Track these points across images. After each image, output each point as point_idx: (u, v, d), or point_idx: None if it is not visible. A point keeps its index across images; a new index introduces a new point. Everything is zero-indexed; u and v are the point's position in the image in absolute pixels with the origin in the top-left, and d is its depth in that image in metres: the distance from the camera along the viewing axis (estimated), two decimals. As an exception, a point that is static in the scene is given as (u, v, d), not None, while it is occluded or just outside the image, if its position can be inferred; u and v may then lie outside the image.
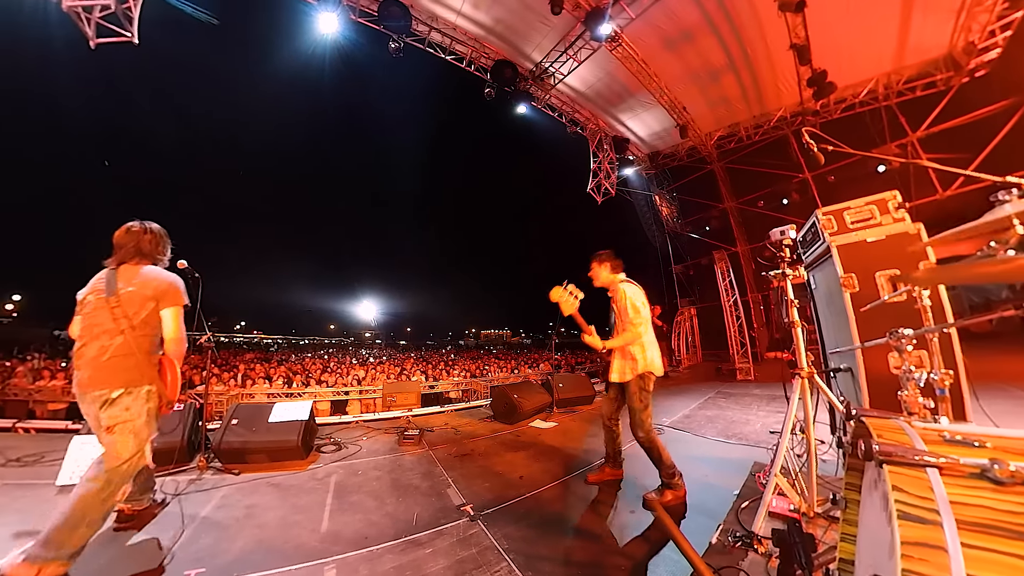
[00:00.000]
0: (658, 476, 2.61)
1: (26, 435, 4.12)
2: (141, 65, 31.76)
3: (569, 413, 5.46)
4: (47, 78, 25.84)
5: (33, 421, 4.65)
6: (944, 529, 0.56)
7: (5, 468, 3.12)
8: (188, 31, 14.23)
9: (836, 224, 2.62)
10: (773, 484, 1.95)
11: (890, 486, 0.66)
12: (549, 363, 9.33)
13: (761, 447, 3.38)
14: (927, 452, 0.69)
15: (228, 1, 6.29)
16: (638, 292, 2.70)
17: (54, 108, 37.06)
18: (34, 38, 8.02)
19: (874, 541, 0.73)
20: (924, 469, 0.66)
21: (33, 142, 41.11)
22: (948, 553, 0.53)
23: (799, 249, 3.10)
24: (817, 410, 2.12)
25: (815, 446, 1.98)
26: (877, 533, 0.69)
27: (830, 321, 2.83)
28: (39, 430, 4.29)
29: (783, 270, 2.23)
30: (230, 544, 2.18)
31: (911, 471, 0.67)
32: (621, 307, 2.65)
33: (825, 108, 8.50)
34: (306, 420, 3.63)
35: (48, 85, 29.30)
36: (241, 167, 64.30)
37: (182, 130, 49.65)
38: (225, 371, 9.30)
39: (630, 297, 2.63)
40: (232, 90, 55.10)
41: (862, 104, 8.42)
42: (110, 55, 5.67)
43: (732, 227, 11.42)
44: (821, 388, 2.11)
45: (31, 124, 37.51)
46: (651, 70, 8.25)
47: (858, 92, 8.33)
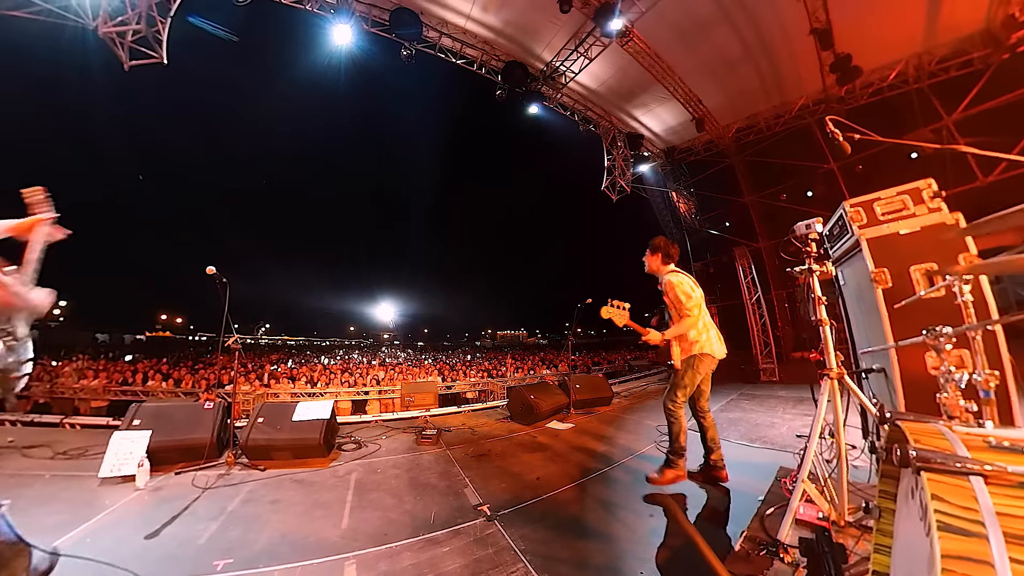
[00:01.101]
0: (667, 452, 2.77)
1: (72, 430, 4.40)
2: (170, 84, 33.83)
3: (587, 414, 5.41)
4: (85, 99, 28.02)
5: (78, 417, 4.97)
6: (990, 543, 0.52)
7: (53, 460, 3.34)
8: (211, 49, 15.01)
9: (865, 216, 2.48)
10: (801, 490, 1.87)
11: (929, 495, 0.62)
12: (566, 363, 9.28)
13: (787, 451, 3.26)
14: (970, 459, 0.65)
15: (247, 18, 6.69)
16: (685, 279, 2.77)
17: (92, 126, 39.77)
18: (75, 63, 8.74)
19: (911, 554, 0.68)
20: (967, 477, 0.62)
21: (74, 158, 44.14)
22: (995, 568, 0.49)
23: (826, 243, 2.96)
24: (848, 413, 2.03)
25: (846, 451, 1.89)
26: (914, 545, 0.65)
27: (860, 319, 2.70)
28: (83, 426, 4.57)
29: (809, 266, 2.15)
30: (257, 536, 2.27)
31: (953, 479, 0.63)
32: (672, 298, 2.74)
33: (850, 94, 8.10)
34: (328, 419, 3.73)
35: (86, 105, 31.67)
36: (264, 178, 66.99)
37: (208, 143, 52.29)
38: (251, 371, 9.67)
39: (677, 286, 2.71)
40: (253, 103, 57.78)
41: (891, 88, 7.97)
42: (142, 76, 6.05)
43: (753, 222, 11.02)
44: (852, 390, 2.01)
45: (73, 141, 40.31)
46: (664, 64, 8.08)
47: (886, 76, 7.89)
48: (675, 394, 2.69)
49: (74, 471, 3.11)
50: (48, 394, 6.97)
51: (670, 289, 2.74)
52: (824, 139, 8.59)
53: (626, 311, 2.76)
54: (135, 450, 3.05)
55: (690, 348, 2.70)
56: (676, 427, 2.69)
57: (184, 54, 6.52)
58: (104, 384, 7.64)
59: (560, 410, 5.41)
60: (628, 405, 6.14)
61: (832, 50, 6.78)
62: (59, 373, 7.97)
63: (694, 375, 2.68)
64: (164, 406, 3.77)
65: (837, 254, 2.84)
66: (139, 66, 5.97)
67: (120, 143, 45.38)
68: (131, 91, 28.77)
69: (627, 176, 10.86)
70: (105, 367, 8.89)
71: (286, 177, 73.28)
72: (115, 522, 2.40)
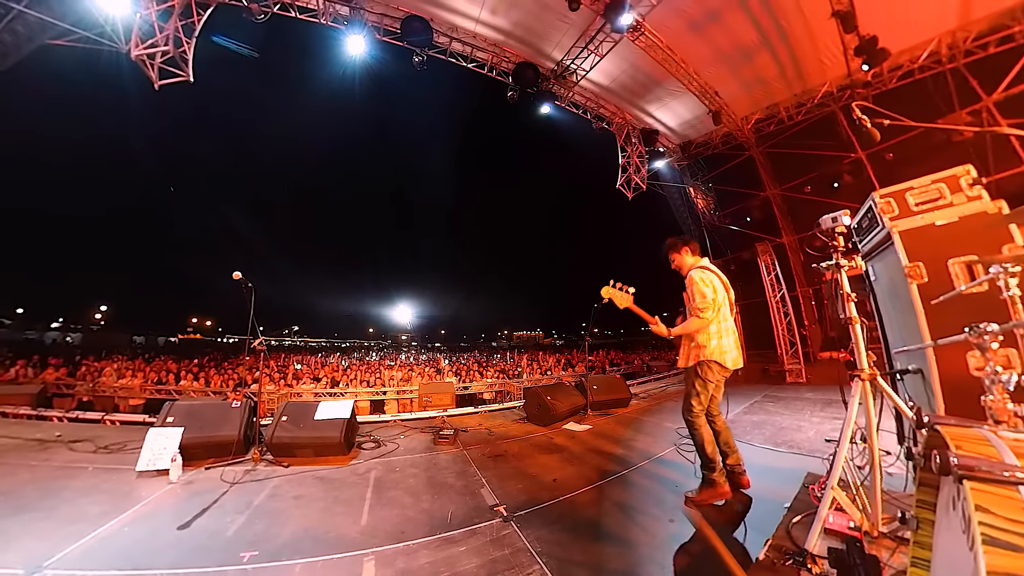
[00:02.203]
0: (701, 468, 2.58)
1: (112, 426, 4.67)
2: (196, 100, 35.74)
3: (604, 416, 5.34)
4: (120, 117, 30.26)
5: (117, 414, 5.26)
6: (1043, 560, 0.47)
7: (95, 454, 3.55)
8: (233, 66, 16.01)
9: (897, 207, 2.33)
10: (830, 498, 1.77)
11: (973, 506, 0.57)
12: (583, 364, 9.19)
13: (815, 456, 3.11)
14: (1019, 467, 0.60)
15: (265, 35, 7.03)
16: (708, 277, 2.58)
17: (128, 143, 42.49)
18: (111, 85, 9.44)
19: (952, 568, 0.64)
20: (1016, 488, 0.57)
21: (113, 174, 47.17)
22: (1048, 589, 0.45)
23: (854, 237, 2.81)
24: (881, 416, 1.92)
25: (879, 457, 1.78)
26: (956, 560, 0.60)
27: (894, 317, 2.55)
28: (122, 422, 4.84)
29: (836, 261, 2.03)
30: (280, 530, 2.34)
31: (999, 489, 0.58)
32: (689, 294, 2.59)
33: (878, 78, 7.66)
34: (348, 418, 3.82)
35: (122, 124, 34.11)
36: (285, 186, 69.71)
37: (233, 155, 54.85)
38: (276, 371, 10.01)
39: (697, 283, 2.55)
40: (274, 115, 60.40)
41: (922, 70, 7.48)
42: (171, 94, 6.48)
43: (776, 216, 10.59)
44: (885, 392, 1.89)
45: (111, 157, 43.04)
46: (677, 56, 7.89)
47: (916, 56, 7.41)
48: (690, 403, 2.55)
49: (114, 464, 3.30)
50: (91, 392, 7.42)
51: (689, 284, 2.59)
52: (851, 127, 8.18)
53: (630, 295, 2.64)
54: (169, 446, 3.21)
55: (697, 353, 2.53)
56: (698, 438, 2.54)
57: (209, 72, 6.89)
58: (141, 383, 8.07)
59: (577, 411, 5.36)
60: (647, 407, 6.02)
61: (856, 32, 6.43)
62: (101, 373, 8.47)
63: (704, 383, 2.51)
64: (195, 404, 3.95)
65: (867, 248, 2.70)
66: (168, 85, 6.34)
67: (153, 158, 48.14)
68: (162, 109, 30.67)
69: (642, 173, 10.66)
70: (142, 367, 9.39)
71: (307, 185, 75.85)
72: (151, 513, 2.53)
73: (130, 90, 7.52)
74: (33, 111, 26.28)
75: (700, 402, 2.52)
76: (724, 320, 2.58)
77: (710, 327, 2.52)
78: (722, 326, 2.56)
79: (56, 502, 2.56)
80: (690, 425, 2.55)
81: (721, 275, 2.65)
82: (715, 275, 2.62)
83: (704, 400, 2.53)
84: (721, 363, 2.50)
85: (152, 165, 48.01)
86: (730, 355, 2.53)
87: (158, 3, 6.02)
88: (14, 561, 1.91)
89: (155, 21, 6.02)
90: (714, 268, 2.68)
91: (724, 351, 2.51)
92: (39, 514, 2.39)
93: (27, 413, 4.87)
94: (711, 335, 2.52)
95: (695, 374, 2.54)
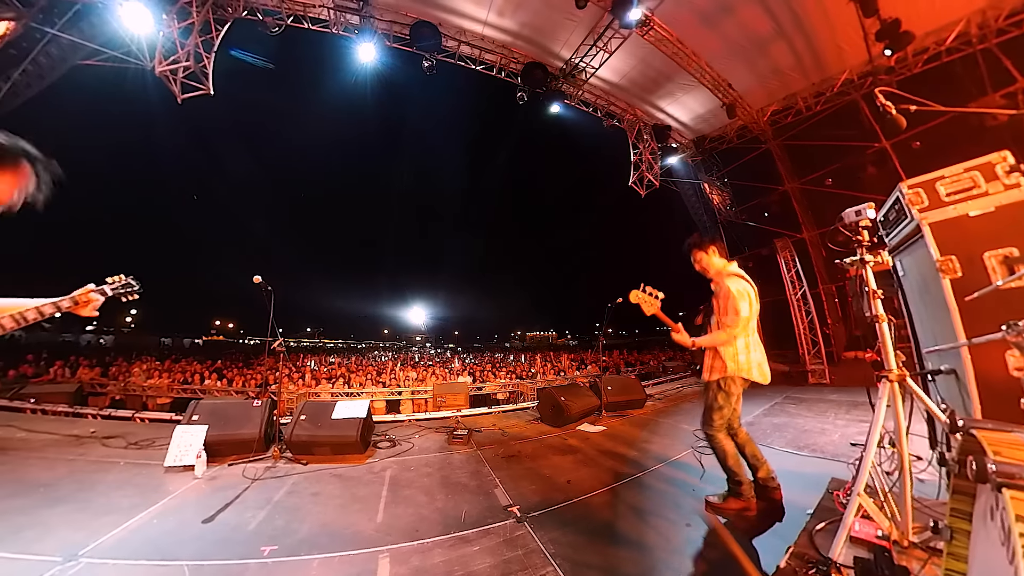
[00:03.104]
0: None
1: (142, 423, 4.88)
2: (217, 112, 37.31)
3: (619, 417, 5.27)
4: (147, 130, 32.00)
5: (147, 412, 5.49)
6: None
7: (126, 450, 3.72)
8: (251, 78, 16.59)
9: (927, 198, 2.21)
10: (856, 504, 1.69)
11: (1013, 516, 0.53)
12: (597, 364, 9.10)
13: (839, 461, 2.99)
14: (1065, 477, 0.55)
15: (280, 47, 7.33)
16: (745, 290, 2.41)
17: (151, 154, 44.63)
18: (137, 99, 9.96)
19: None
20: (1061, 498, 0.53)
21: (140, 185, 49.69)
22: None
23: (880, 231, 2.68)
24: (911, 420, 1.83)
25: (909, 462, 1.70)
26: (995, 573, 0.56)
27: (925, 314, 2.42)
28: (151, 420, 5.05)
29: (861, 256, 1.94)
30: (299, 526, 2.40)
31: (1042, 500, 0.54)
32: (722, 304, 2.40)
33: (902, 63, 7.28)
34: (364, 417, 3.88)
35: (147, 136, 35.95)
36: (301, 192, 71.85)
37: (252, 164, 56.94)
38: (295, 371, 10.27)
39: (735, 297, 2.35)
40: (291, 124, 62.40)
41: (950, 52, 7.05)
42: (193, 107, 6.81)
43: (795, 211, 10.23)
44: (916, 394, 1.80)
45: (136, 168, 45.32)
46: (688, 50, 7.74)
47: (943, 38, 7.00)
48: (711, 417, 2.42)
49: (143, 460, 3.45)
50: (122, 391, 7.79)
51: (725, 297, 2.38)
52: (874, 115, 7.82)
53: (658, 300, 2.53)
54: (194, 442, 3.33)
55: (723, 367, 2.39)
56: (719, 451, 2.43)
57: (228, 84, 7.17)
58: (168, 383, 8.40)
59: (591, 412, 5.30)
60: (662, 408, 5.92)
61: (877, 16, 6.12)
62: (131, 373, 8.87)
63: (727, 397, 2.38)
64: (219, 403, 4.09)
65: (894, 242, 2.57)
66: (190, 98, 6.63)
67: (178, 168, 50.36)
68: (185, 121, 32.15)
69: (655, 170, 10.49)
70: (169, 367, 9.78)
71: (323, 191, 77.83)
72: (177, 507, 2.64)
73: (155, 104, 7.90)
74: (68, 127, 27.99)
75: (722, 416, 2.41)
76: (752, 334, 2.45)
77: (738, 342, 2.40)
78: (750, 340, 2.43)
79: (91, 494, 2.70)
80: (710, 439, 2.45)
81: (754, 285, 2.51)
82: (750, 286, 2.46)
83: (726, 414, 2.42)
84: (750, 378, 2.40)
85: (176, 175, 50.25)
86: (758, 371, 2.41)
87: (179, 21, 6.29)
88: (53, 549, 2.02)
89: (177, 38, 6.31)
90: (747, 277, 2.52)
91: (751, 366, 2.39)
92: (75, 505, 2.52)
93: (64, 410, 5.14)
94: (739, 350, 2.40)
95: (718, 387, 2.42)
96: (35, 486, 2.76)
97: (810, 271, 9.48)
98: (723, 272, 2.51)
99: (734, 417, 2.50)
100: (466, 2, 7.22)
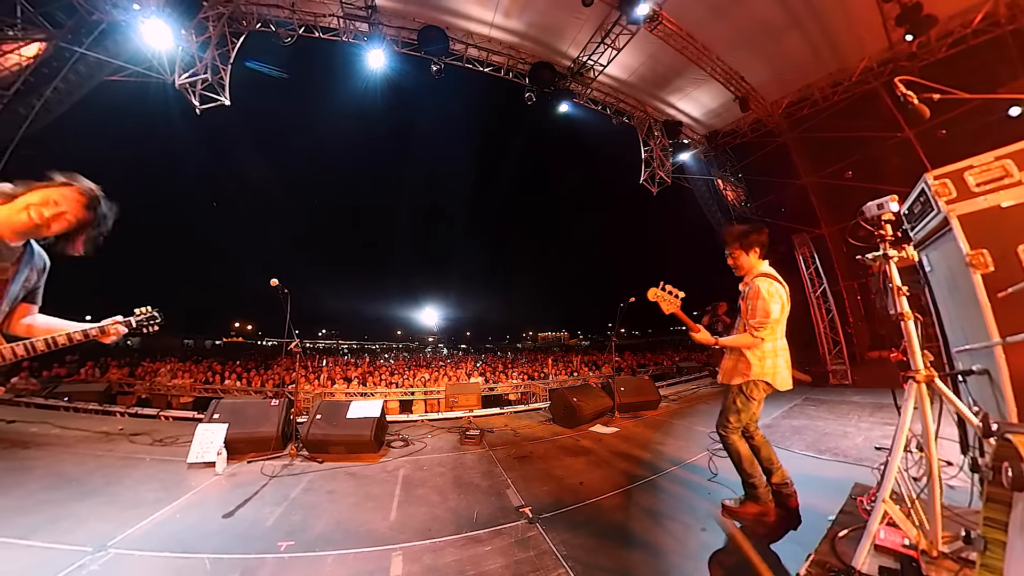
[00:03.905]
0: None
1: (166, 421, 5.06)
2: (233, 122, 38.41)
3: (632, 418, 5.20)
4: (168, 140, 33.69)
5: (171, 411, 5.69)
6: None
7: (152, 446, 3.86)
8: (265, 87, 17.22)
9: (954, 189, 2.08)
10: (881, 511, 1.62)
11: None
12: (610, 365, 9.03)
13: (863, 465, 2.88)
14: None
15: (292, 56, 7.58)
16: (777, 291, 2.27)
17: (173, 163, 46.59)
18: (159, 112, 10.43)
19: (1029, 597, 0.56)
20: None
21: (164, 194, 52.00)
22: None
23: (904, 224, 2.56)
24: (940, 423, 1.74)
25: (938, 468, 1.61)
26: (1033, 587, 0.53)
27: (954, 312, 2.30)
28: (175, 418, 5.24)
29: (884, 252, 1.85)
30: (315, 522, 2.45)
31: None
32: (750, 304, 2.28)
33: (924, 48, 6.92)
34: (378, 417, 3.94)
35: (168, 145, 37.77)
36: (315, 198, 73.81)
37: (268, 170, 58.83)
38: (311, 372, 10.49)
39: (764, 298, 2.23)
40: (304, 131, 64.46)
41: (976, 34, 6.67)
42: (211, 117, 7.09)
43: (814, 206, 9.89)
44: (945, 395, 1.71)
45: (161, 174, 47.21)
46: (699, 43, 7.59)
47: (969, 20, 6.62)
48: (727, 419, 2.34)
49: (168, 456, 3.58)
50: (148, 391, 8.10)
51: (754, 296, 2.26)
52: (895, 104, 7.47)
53: (678, 299, 2.44)
54: (215, 440, 3.44)
55: (746, 371, 2.27)
56: (734, 454, 2.34)
57: (244, 94, 7.43)
58: (191, 383, 8.69)
59: (604, 413, 5.25)
60: (677, 409, 5.81)
61: (896, 0, 5.89)
62: (156, 373, 9.21)
63: (747, 401, 2.29)
64: (238, 402, 4.21)
65: (920, 236, 2.45)
66: (208, 109, 6.87)
67: (197, 176, 52.18)
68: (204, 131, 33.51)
69: (667, 167, 10.33)
70: (191, 368, 10.11)
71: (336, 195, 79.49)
72: (199, 502, 2.73)
73: (175, 116, 8.24)
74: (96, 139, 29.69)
75: (739, 419, 2.32)
76: (780, 338, 2.33)
77: (764, 345, 2.28)
78: (777, 344, 2.31)
79: (119, 488, 2.82)
80: (724, 440, 2.37)
81: (786, 286, 2.36)
82: (783, 288, 2.32)
83: (744, 419, 2.33)
84: (772, 384, 2.28)
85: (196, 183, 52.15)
86: (782, 376, 2.29)
87: (197, 35, 6.55)
88: (84, 540, 2.12)
89: (195, 52, 6.56)
90: (779, 277, 2.38)
91: (778, 372, 2.27)
92: (105, 499, 2.63)
93: (95, 408, 5.38)
94: (765, 354, 2.28)
95: (739, 391, 2.32)
96: (68, 480, 2.90)
97: (830, 268, 9.17)
98: (755, 271, 2.40)
99: (752, 420, 2.40)
100: (472, 5, 7.26)
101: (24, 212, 1.39)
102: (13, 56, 5.99)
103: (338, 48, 7.80)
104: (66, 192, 1.45)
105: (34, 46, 6.11)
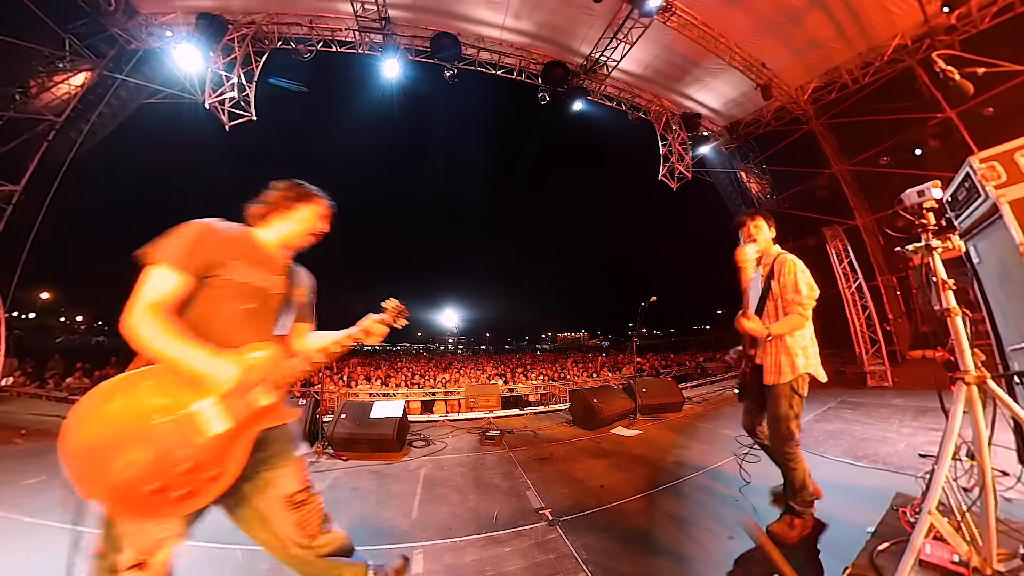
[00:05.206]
0: (788, 501, 2.15)
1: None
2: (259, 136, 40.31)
3: (654, 421, 5.08)
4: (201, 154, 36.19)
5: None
6: None
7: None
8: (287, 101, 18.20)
9: (1004, 172, 1.92)
10: (926, 524, 1.49)
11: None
12: (631, 366, 8.84)
13: (905, 474, 2.67)
14: None
15: (311, 70, 8.10)
16: (805, 267, 2.12)
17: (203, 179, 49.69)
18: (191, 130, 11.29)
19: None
20: None
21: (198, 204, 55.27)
22: None
23: (948, 212, 2.38)
24: (994, 428, 1.60)
25: (992, 478, 1.49)
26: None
27: (1007, 306, 2.12)
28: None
29: (927, 242, 1.68)
30: (339, 518, 2.48)
31: None
32: (787, 282, 2.06)
33: (965, 20, 6.36)
34: (400, 417, 4.03)
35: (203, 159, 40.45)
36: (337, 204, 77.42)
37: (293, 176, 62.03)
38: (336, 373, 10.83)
39: (801, 270, 2.05)
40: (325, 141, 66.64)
41: None
42: (239, 133, 7.46)
43: (846, 195, 9.34)
44: (999, 398, 1.57)
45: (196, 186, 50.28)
46: (715, 32, 7.34)
47: None
48: (790, 431, 2.04)
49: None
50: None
51: (789, 271, 2.05)
52: (933, 82, 6.98)
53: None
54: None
55: (794, 362, 2.02)
56: (800, 473, 2.07)
57: (268, 109, 7.85)
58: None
59: (625, 415, 5.15)
60: (701, 412, 5.63)
61: None
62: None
63: (801, 401, 2.04)
64: (267, 402, 4.38)
65: (966, 225, 2.27)
66: (236, 125, 7.26)
67: (228, 191, 55.53)
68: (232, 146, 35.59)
69: (686, 161, 10.02)
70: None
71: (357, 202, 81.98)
72: (232, 497, 2.84)
73: (207, 133, 8.82)
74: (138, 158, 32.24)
75: (798, 424, 2.06)
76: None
77: (804, 332, 2.05)
78: (810, 333, 2.10)
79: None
80: (790, 459, 2.07)
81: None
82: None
83: (799, 422, 2.07)
84: (818, 377, 2.07)
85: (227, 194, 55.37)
86: (819, 367, 2.09)
87: (224, 56, 6.93)
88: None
89: (223, 72, 6.95)
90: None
91: (818, 360, 2.07)
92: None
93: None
94: (808, 340, 2.06)
95: (791, 391, 2.02)
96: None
97: (865, 261, 8.62)
98: (773, 250, 2.24)
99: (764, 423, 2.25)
100: (482, 9, 7.33)
101: (306, 235, 1.56)
102: (63, 85, 6.55)
103: (354, 60, 8.07)
104: (319, 208, 1.61)
105: (81, 75, 6.67)
